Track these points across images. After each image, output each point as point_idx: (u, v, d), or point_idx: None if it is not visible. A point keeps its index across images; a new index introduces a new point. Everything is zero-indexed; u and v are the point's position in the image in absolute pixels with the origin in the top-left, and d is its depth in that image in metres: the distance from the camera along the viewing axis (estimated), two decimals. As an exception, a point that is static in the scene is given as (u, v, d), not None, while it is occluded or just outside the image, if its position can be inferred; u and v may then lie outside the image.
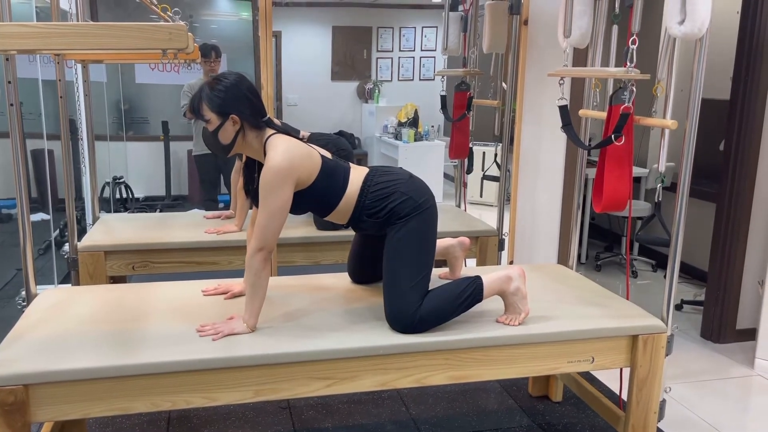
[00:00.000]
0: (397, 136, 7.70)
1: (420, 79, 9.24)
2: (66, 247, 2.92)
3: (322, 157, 2.08)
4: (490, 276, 2.11)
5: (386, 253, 2.08)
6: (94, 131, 3.38)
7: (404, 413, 2.75)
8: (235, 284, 2.30)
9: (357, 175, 2.12)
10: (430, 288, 2.08)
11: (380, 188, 2.09)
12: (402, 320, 2.00)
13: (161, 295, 2.30)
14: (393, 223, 2.07)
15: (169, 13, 2.03)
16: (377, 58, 9.09)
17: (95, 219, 3.32)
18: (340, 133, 3.69)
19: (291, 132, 2.09)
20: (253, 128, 2.02)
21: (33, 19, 4.13)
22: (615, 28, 2.47)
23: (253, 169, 2.15)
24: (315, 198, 2.07)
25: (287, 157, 1.94)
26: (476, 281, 2.09)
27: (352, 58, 8.95)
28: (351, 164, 2.17)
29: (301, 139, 2.07)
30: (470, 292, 2.06)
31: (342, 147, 3.17)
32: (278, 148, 1.96)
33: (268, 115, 2.06)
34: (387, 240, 2.09)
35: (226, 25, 7.46)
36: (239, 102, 1.98)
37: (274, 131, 2.05)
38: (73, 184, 2.80)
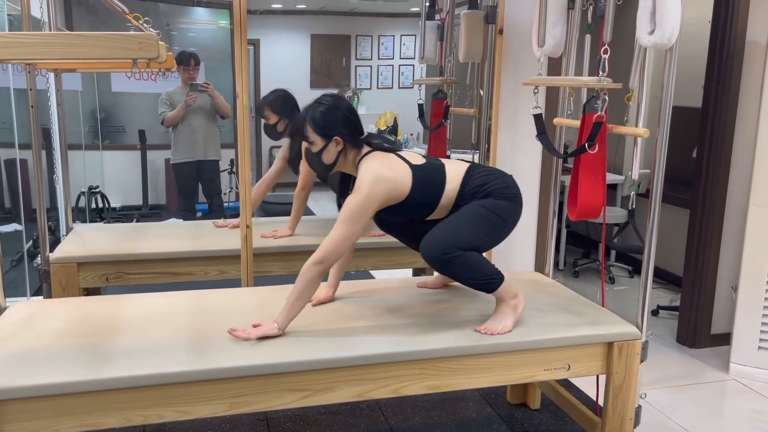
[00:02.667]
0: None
1: (399, 87, 9.27)
2: (39, 258, 2.87)
3: (413, 168, 2.12)
4: (508, 282, 2.15)
5: (462, 209, 2.13)
6: (69, 140, 3.33)
7: (383, 423, 2.74)
8: (319, 292, 2.33)
9: (456, 170, 2.19)
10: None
11: (483, 174, 2.17)
12: (438, 246, 2.01)
13: (135, 307, 2.27)
14: (485, 197, 2.13)
15: (140, 21, 2.01)
16: (356, 66, 9.10)
17: (69, 229, 3.27)
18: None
19: (387, 145, 2.16)
20: (354, 147, 2.12)
21: (5, 27, 4.07)
22: (588, 38, 2.50)
23: (348, 183, 2.22)
24: (414, 206, 2.14)
25: (377, 183, 2.01)
26: (500, 275, 2.13)
27: (330, 66, 8.96)
28: (447, 161, 2.23)
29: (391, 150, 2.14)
30: (494, 278, 2.11)
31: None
32: (369, 172, 2.03)
33: (366, 132, 2.15)
34: (471, 203, 2.13)
35: (203, 33, 7.43)
36: (342, 124, 2.08)
37: (370, 149, 2.13)
38: (46, 194, 2.76)
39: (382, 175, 2.04)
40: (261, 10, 8.24)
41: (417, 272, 3.54)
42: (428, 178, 2.14)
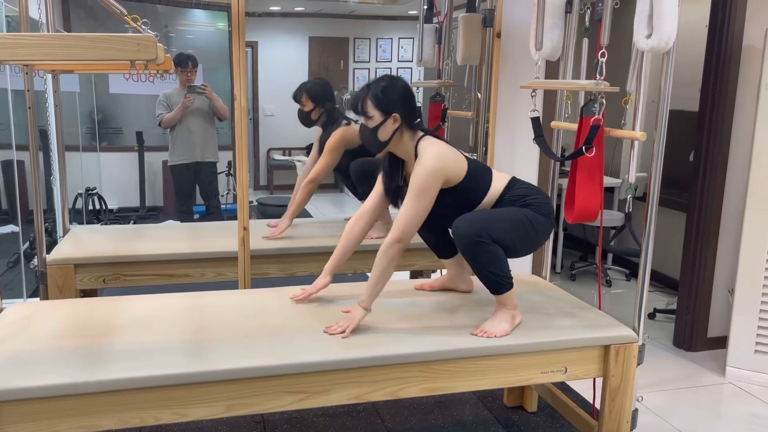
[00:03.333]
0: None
1: (397, 90, 9.26)
2: (35, 260, 2.87)
3: (468, 159, 2.21)
4: (515, 292, 2.18)
5: (503, 209, 2.18)
6: (67, 142, 3.33)
7: (380, 425, 2.74)
8: (317, 281, 2.37)
9: (501, 178, 2.26)
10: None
11: (526, 188, 2.25)
12: (474, 227, 2.05)
13: (132, 309, 2.26)
14: (524, 207, 2.18)
15: (139, 23, 2.01)
16: (354, 69, 9.11)
17: (66, 231, 3.26)
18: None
19: (438, 137, 2.22)
20: (409, 128, 2.17)
21: (3, 28, 4.07)
22: (586, 42, 2.51)
23: (397, 167, 2.27)
24: (460, 195, 2.19)
25: (440, 160, 2.09)
26: (512, 282, 2.17)
27: (328, 69, 8.96)
28: (492, 169, 2.31)
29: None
30: (507, 280, 2.14)
31: None
32: (431, 150, 2.11)
33: (420, 119, 2.20)
34: (510, 207, 2.19)
35: (202, 35, 7.42)
36: (402, 102, 2.14)
37: (424, 134, 2.19)
38: (43, 195, 2.75)
39: (446, 154, 2.12)
40: (259, 12, 8.24)
41: (414, 275, 3.54)
42: (478, 174, 2.21)
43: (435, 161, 2.07)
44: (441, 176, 2.09)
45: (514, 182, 2.26)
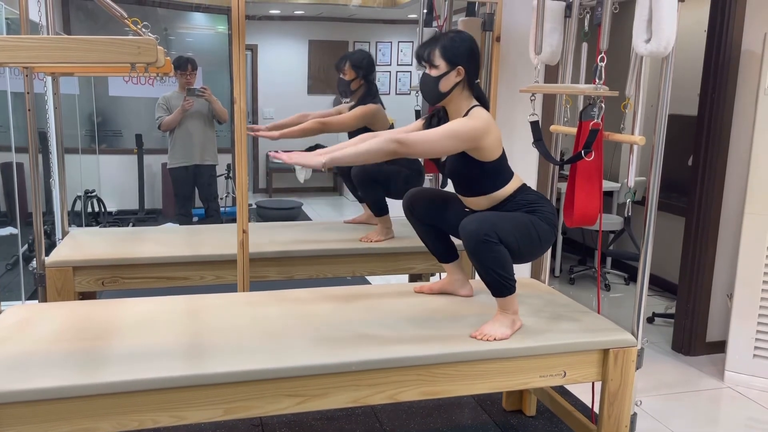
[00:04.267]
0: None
1: (396, 94, 9.29)
2: (34, 262, 2.86)
3: (503, 149, 2.25)
4: (516, 298, 2.18)
5: (509, 213, 2.19)
6: (66, 144, 3.33)
7: (378, 429, 2.73)
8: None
9: (516, 179, 2.28)
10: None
11: (535, 194, 2.27)
12: (483, 226, 2.06)
13: (131, 311, 2.26)
14: (531, 213, 2.20)
15: (139, 26, 2.02)
16: (353, 72, 9.10)
17: (64, 233, 3.26)
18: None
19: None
20: (468, 87, 2.19)
21: (3, 31, 4.07)
22: (585, 46, 2.51)
23: (437, 125, 2.25)
24: (481, 173, 2.20)
25: (487, 126, 2.11)
26: (515, 286, 2.17)
27: (328, 72, 8.97)
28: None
29: None
30: (510, 283, 2.14)
31: None
32: (484, 116, 2.13)
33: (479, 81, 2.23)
34: (517, 212, 2.20)
35: (201, 38, 7.43)
36: (469, 57, 2.16)
37: (479, 104, 2.20)
38: (42, 197, 2.75)
39: (494, 126, 2.15)
40: (259, 15, 8.26)
41: (413, 278, 3.54)
42: (504, 165, 2.24)
43: (483, 123, 2.10)
44: (477, 138, 2.10)
45: (525, 188, 2.27)
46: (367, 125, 3.14)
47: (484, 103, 2.24)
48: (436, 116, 2.31)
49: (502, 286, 2.13)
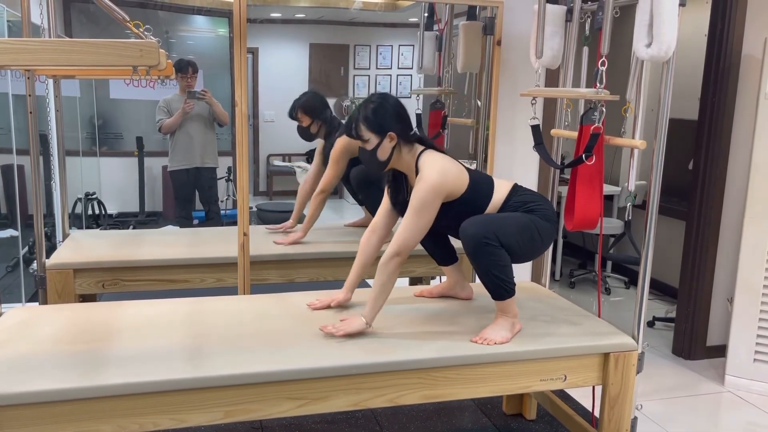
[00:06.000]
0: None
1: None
2: (35, 264, 2.86)
3: (469, 170, 2.21)
4: (515, 301, 2.18)
5: (509, 213, 2.18)
6: (67, 146, 3.33)
7: (378, 433, 2.73)
8: (337, 294, 2.36)
9: (503, 185, 2.26)
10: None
11: (528, 194, 2.25)
12: (484, 231, 2.05)
13: (131, 314, 2.26)
14: (529, 213, 2.18)
15: (141, 29, 2.02)
16: (354, 76, 9.13)
17: (65, 236, 3.26)
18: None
19: (437, 147, 2.21)
20: (407, 143, 2.17)
21: (5, 33, 4.08)
22: (585, 50, 2.52)
23: (400, 181, 2.26)
24: (462, 207, 2.18)
25: (442, 175, 2.09)
26: (515, 290, 2.16)
27: (329, 75, 8.98)
28: (494, 177, 2.31)
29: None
30: (510, 286, 2.14)
31: None
32: (433, 165, 2.11)
33: (415, 130, 2.19)
34: (516, 212, 2.18)
35: (202, 41, 7.44)
36: (394, 120, 2.13)
37: (423, 147, 2.19)
38: (43, 200, 2.76)
39: (448, 167, 2.12)
40: (260, 19, 8.27)
41: (414, 281, 3.54)
42: (480, 185, 2.21)
43: (436, 177, 2.07)
44: (442, 192, 2.09)
45: (516, 189, 2.26)
46: (350, 156, 3.12)
47: (427, 144, 2.21)
48: (392, 180, 2.28)
49: (501, 289, 2.13)
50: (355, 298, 2.41)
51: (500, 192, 2.23)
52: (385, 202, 2.33)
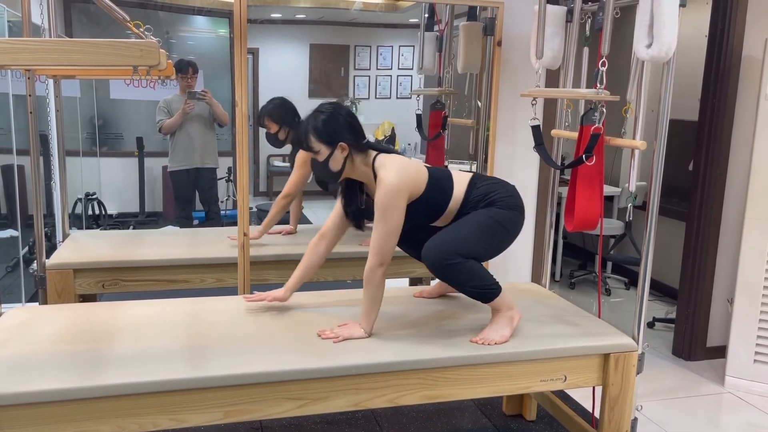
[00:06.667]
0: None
1: (397, 98, 9.30)
2: (35, 264, 2.86)
3: (428, 168, 2.18)
4: (505, 293, 2.17)
5: (468, 216, 2.16)
6: (67, 147, 3.33)
7: (378, 433, 2.73)
8: (276, 290, 2.33)
9: (461, 178, 2.23)
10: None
11: (488, 183, 2.22)
12: (442, 253, 2.04)
13: (131, 314, 2.26)
14: (489, 206, 2.16)
15: (141, 29, 2.02)
16: (354, 76, 9.13)
17: (65, 236, 3.26)
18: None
19: (391, 151, 2.17)
20: (359, 152, 2.12)
21: (5, 33, 4.08)
22: (586, 51, 2.52)
23: (354, 190, 2.22)
24: (426, 206, 2.16)
25: (399, 174, 2.04)
26: (498, 286, 2.15)
27: (329, 76, 8.98)
28: (452, 170, 2.27)
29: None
30: (491, 287, 2.12)
31: None
32: (390, 167, 2.06)
33: (367, 138, 2.15)
34: (475, 211, 2.16)
35: (203, 41, 7.44)
36: (343, 129, 2.08)
37: (376, 152, 2.14)
38: (43, 200, 2.75)
39: (405, 166, 2.09)
40: (260, 19, 8.27)
41: (414, 282, 3.54)
42: (440, 181, 2.19)
43: (395, 178, 2.03)
44: (404, 192, 2.06)
45: (475, 180, 2.23)
46: None
47: (381, 149, 2.17)
48: (345, 189, 2.26)
49: (484, 294, 2.12)
50: (347, 296, 2.41)
51: (460, 186, 2.20)
52: (337, 208, 2.29)
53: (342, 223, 2.30)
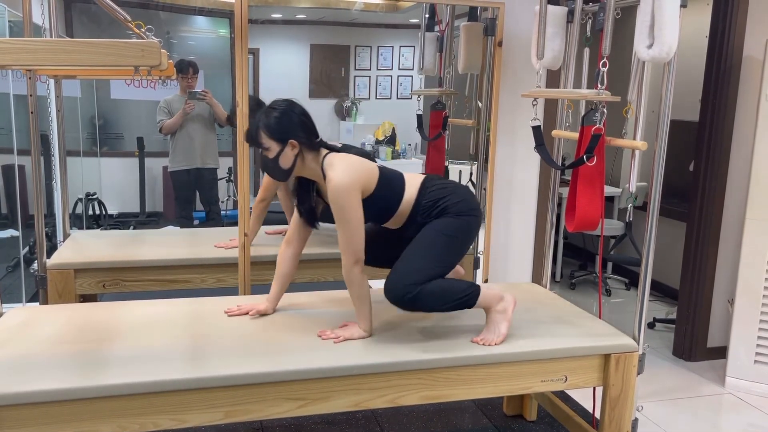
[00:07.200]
0: (375, 154, 7.72)
1: (397, 98, 9.29)
2: (35, 264, 2.87)
3: (379, 167, 2.16)
4: (486, 288, 2.15)
5: (421, 234, 2.13)
6: (68, 147, 3.33)
7: (378, 433, 2.73)
8: (258, 303, 2.30)
9: (413, 180, 2.20)
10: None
11: (438, 188, 2.18)
12: (399, 289, 2.01)
13: (132, 314, 2.26)
14: (440, 216, 2.13)
15: (143, 29, 2.02)
16: (355, 77, 9.12)
17: (66, 236, 3.26)
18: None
19: (343, 149, 2.15)
20: (310, 150, 2.09)
21: (6, 33, 4.08)
22: (587, 51, 2.52)
23: (307, 189, 2.20)
24: (376, 205, 2.13)
25: (348, 172, 2.02)
26: (474, 287, 2.12)
27: (329, 76, 8.98)
28: (405, 173, 2.24)
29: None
30: (466, 294, 2.09)
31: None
32: (337, 166, 2.04)
33: (320, 137, 2.13)
34: (427, 225, 2.14)
35: (203, 41, 7.45)
36: (296, 127, 2.06)
37: (328, 151, 2.11)
38: (43, 200, 2.76)
39: (353, 163, 2.06)
40: (261, 19, 8.26)
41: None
42: (391, 181, 2.16)
43: (343, 176, 2.00)
44: (355, 188, 2.02)
45: (426, 183, 2.19)
46: None
47: (333, 148, 2.14)
48: (298, 188, 2.23)
49: (463, 305, 2.10)
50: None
51: (411, 189, 2.17)
52: (297, 212, 2.27)
53: (305, 227, 2.27)
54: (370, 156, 2.24)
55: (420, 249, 2.10)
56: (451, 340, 2.12)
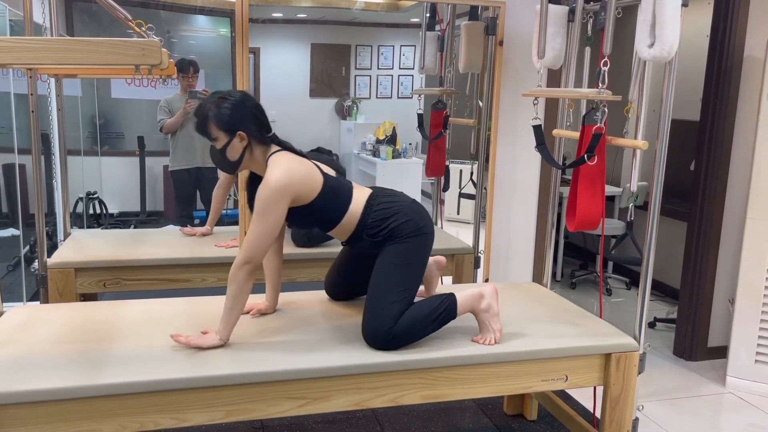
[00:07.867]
0: (375, 153, 7.72)
1: (398, 97, 9.29)
2: (36, 263, 2.86)
3: (325, 175, 2.09)
4: (462, 293, 2.13)
5: (376, 269, 2.09)
6: (68, 146, 3.33)
7: (379, 433, 2.73)
8: (258, 302, 2.28)
9: (360, 194, 2.14)
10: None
11: (383, 208, 2.11)
12: (377, 336, 1.99)
13: (132, 313, 2.26)
14: (391, 241, 2.09)
15: (143, 28, 2.02)
16: (355, 76, 9.12)
17: (66, 235, 3.26)
18: (318, 150, 3.70)
19: (296, 150, 2.11)
20: (260, 144, 2.06)
21: (6, 32, 4.08)
22: (588, 50, 2.52)
23: (257, 185, 2.13)
24: (316, 215, 2.09)
25: (286, 175, 1.96)
26: (449, 298, 2.09)
27: (330, 76, 8.98)
28: (354, 184, 2.18)
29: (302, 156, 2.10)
30: (443, 309, 2.07)
31: (335, 168, 3.19)
32: (279, 165, 1.98)
33: (273, 132, 2.09)
34: (380, 257, 2.10)
35: (204, 41, 7.45)
36: (246, 119, 2.01)
37: (279, 148, 2.07)
38: (44, 199, 2.76)
39: (294, 167, 2.00)
40: (262, 19, 8.27)
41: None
42: (336, 191, 2.10)
43: (279, 178, 1.94)
44: (286, 194, 1.95)
45: (371, 200, 2.13)
46: None
47: (285, 146, 2.10)
48: (248, 182, 2.21)
49: (445, 319, 2.08)
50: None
51: (357, 203, 2.11)
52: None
53: None
54: (337, 164, 2.20)
55: (380, 288, 2.05)
56: (451, 339, 2.12)
